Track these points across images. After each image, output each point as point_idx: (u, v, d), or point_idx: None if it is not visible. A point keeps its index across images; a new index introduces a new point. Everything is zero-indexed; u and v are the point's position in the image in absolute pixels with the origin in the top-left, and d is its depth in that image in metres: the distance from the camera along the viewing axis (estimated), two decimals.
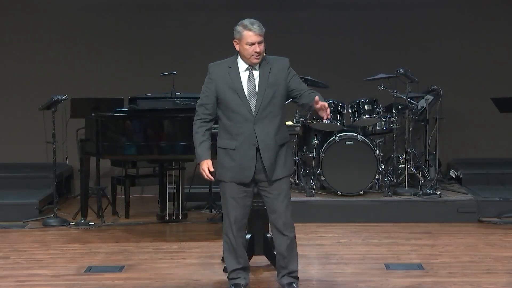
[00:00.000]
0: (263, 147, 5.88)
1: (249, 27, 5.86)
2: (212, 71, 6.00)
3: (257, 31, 5.85)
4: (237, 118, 5.88)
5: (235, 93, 5.88)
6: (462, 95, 10.45)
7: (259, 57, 5.88)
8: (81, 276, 6.80)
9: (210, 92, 5.95)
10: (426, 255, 7.39)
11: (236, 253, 6.09)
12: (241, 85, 5.89)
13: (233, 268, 6.14)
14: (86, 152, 8.66)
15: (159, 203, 8.98)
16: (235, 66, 5.94)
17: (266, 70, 5.91)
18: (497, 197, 8.97)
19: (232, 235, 6.03)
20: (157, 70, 9.42)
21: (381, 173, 9.17)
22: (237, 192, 5.97)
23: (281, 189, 5.96)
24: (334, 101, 9.17)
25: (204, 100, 5.98)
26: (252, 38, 5.86)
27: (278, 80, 5.91)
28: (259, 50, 5.86)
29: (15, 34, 10.64)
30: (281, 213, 5.97)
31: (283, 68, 5.95)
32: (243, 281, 6.17)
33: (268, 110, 5.87)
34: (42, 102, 8.85)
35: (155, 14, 10.63)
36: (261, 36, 5.86)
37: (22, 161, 10.43)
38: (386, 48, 10.51)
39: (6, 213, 8.88)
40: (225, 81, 5.91)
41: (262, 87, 5.88)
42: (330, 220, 8.68)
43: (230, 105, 5.89)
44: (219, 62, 6.03)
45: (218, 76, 5.94)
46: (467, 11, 10.57)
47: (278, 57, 6.02)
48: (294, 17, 10.51)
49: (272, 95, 5.87)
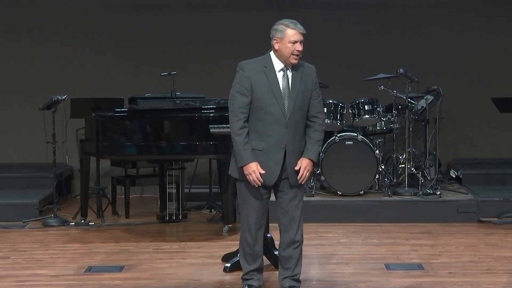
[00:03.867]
0: (290, 152, 5.82)
1: (292, 25, 5.84)
2: (247, 69, 5.83)
3: (300, 30, 5.84)
4: (269, 118, 5.79)
5: (270, 93, 5.79)
6: (462, 95, 10.45)
7: (299, 57, 5.84)
8: (81, 276, 6.80)
9: (246, 90, 5.80)
10: (426, 255, 7.39)
11: (254, 255, 6.06)
12: (278, 85, 5.81)
13: (248, 270, 6.12)
14: (86, 152, 8.66)
15: (159, 203, 8.98)
16: (270, 66, 5.86)
17: (299, 74, 5.87)
18: (497, 197, 8.97)
19: (251, 237, 5.99)
20: (157, 70, 9.42)
21: (381, 173, 9.17)
22: (258, 195, 5.91)
23: (297, 193, 5.94)
24: (334, 101, 9.18)
25: (239, 99, 5.79)
26: (295, 37, 5.82)
27: (307, 86, 5.87)
28: (301, 49, 5.83)
29: (15, 34, 10.64)
30: (295, 216, 5.94)
31: (312, 76, 5.92)
32: (257, 283, 6.15)
33: (298, 114, 5.83)
34: (42, 102, 8.85)
35: (155, 14, 10.63)
36: (303, 36, 5.85)
37: (22, 161, 10.44)
38: (386, 48, 10.52)
39: (6, 213, 8.88)
40: (261, 80, 5.80)
41: (295, 90, 5.82)
42: (330, 220, 8.69)
43: (264, 105, 5.78)
44: (253, 60, 5.90)
45: (254, 74, 5.81)
46: (467, 11, 10.58)
47: (306, 63, 5.97)
48: (294, 17, 10.36)
49: (302, 99, 5.84)
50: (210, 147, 7.96)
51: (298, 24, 5.88)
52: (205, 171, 9.75)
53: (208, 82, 9.98)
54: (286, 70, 5.87)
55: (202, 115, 8.03)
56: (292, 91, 5.82)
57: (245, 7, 10.48)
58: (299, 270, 6.10)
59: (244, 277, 6.18)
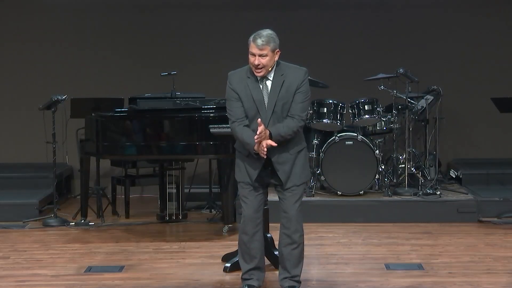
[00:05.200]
0: (277, 160, 5.92)
1: (253, 38, 5.84)
2: (232, 81, 5.96)
3: (256, 44, 5.80)
4: (253, 126, 5.91)
5: (251, 101, 5.89)
6: (462, 95, 10.45)
7: (259, 71, 5.85)
8: (81, 276, 6.80)
9: (235, 99, 5.93)
10: (426, 255, 7.39)
11: (250, 253, 6.10)
12: (259, 94, 5.89)
13: (247, 269, 6.15)
14: (86, 152, 8.66)
15: (159, 203, 8.98)
16: (252, 75, 5.91)
17: (280, 81, 5.89)
18: (497, 197, 8.97)
19: (245, 234, 6.06)
20: (157, 70, 9.42)
21: (381, 173, 9.17)
22: (250, 191, 6.02)
23: (295, 193, 6.00)
24: (334, 101, 9.18)
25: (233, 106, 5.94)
26: (252, 50, 5.84)
27: (289, 92, 5.89)
28: (257, 63, 5.82)
29: (15, 34, 10.64)
30: (292, 216, 5.99)
31: (296, 81, 5.90)
32: (256, 282, 6.17)
33: (280, 120, 5.88)
34: (42, 102, 8.85)
35: (155, 14, 10.63)
36: (262, 50, 5.80)
37: (22, 161, 10.44)
38: (386, 48, 10.52)
39: (6, 213, 8.88)
40: (244, 90, 5.91)
41: (274, 99, 5.87)
42: (330, 220, 8.69)
43: (248, 113, 5.92)
44: (239, 70, 6.00)
45: (238, 85, 5.93)
46: (467, 11, 10.57)
47: (295, 68, 5.97)
48: (295, 17, 10.51)
49: (282, 108, 5.88)
50: (210, 147, 7.96)
51: (261, 38, 5.82)
52: (205, 171, 9.75)
53: (208, 82, 9.98)
54: (264, 80, 5.91)
55: (202, 115, 8.03)
56: (270, 100, 5.89)
57: (245, 7, 10.48)
58: (298, 271, 6.10)
59: (244, 277, 6.18)
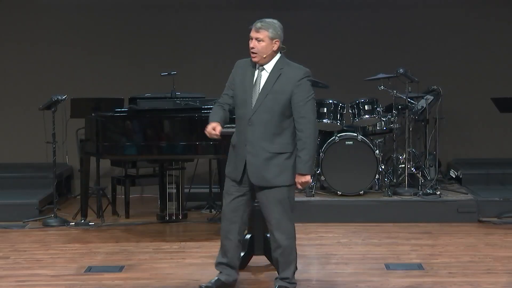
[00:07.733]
0: (250, 151, 5.87)
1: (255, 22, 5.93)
2: (237, 65, 6.08)
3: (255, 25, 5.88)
4: (239, 114, 5.95)
5: (243, 90, 5.92)
6: (462, 95, 10.45)
7: (255, 55, 5.87)
8: (81, 276, 6.80)
9: (230, 84, 6.05)
10: (426, 255, 7.39)
11: (223, 248, 6.14)
12: (251, 83, 5.91)
13: (218, 261, 6.21)
14: (86, 152, 8.66)
15: (159, 203, 8.98)
16: (254, 64, 5.95)
17: (276, 74, 5.88)
18: (497, 197, 8.97)
19: (222, 229, 6.11)
20: (157, 70, 9.41)
21: (381, 173, 9.17)
22: (230, 190, 6.04)
23: (271, 197, 5.91)
24: (334, 101, 9.18)
25: (225, 90, 6.09)
26: (251, 32, 5.91)
27: (284, 89, 5.84)
28: (252, 45, 5.87)
29: (15, 34, 10.63)
30: (270, 221, 5.98)
31: (294, 79, 5.85)
32: (223, 277, 6.19)
33: (268, 114, 5.84)
34: (42, 102, 8.85)
35: (155, 14, 10.63)
36: (258, 33, 5.85)
37: (22, 161, 10.43)
38: (386, 48, 10.51)
39: (6, 213, 8.88)
40: (241, 77, 5.97)
41: (266, 89, 5.86)
42: (330, 220, 8.68)
43: (237, 101, 5.96)
44: (245, 59, 6.07)
45: (239, 71, 6.00)
46: (467, 11, 10.57)
47: (297, 66, 5.95)
48: (294, 17, 10.49)
49: (274, 99, 5.83)
50: (210, 147, 7.96)
51: (261, 22, 5.89)
52: (205, 171, 9.75)
53: (208, 82, 9.98)
54: (261, 69, 5.93)
55: (202, 115, 8.03)
56: (263, 90, 5.87)
57: (245, 7, 10.47)
58: (289, 274, 6.06)
59: (216, 268, 6.24)
